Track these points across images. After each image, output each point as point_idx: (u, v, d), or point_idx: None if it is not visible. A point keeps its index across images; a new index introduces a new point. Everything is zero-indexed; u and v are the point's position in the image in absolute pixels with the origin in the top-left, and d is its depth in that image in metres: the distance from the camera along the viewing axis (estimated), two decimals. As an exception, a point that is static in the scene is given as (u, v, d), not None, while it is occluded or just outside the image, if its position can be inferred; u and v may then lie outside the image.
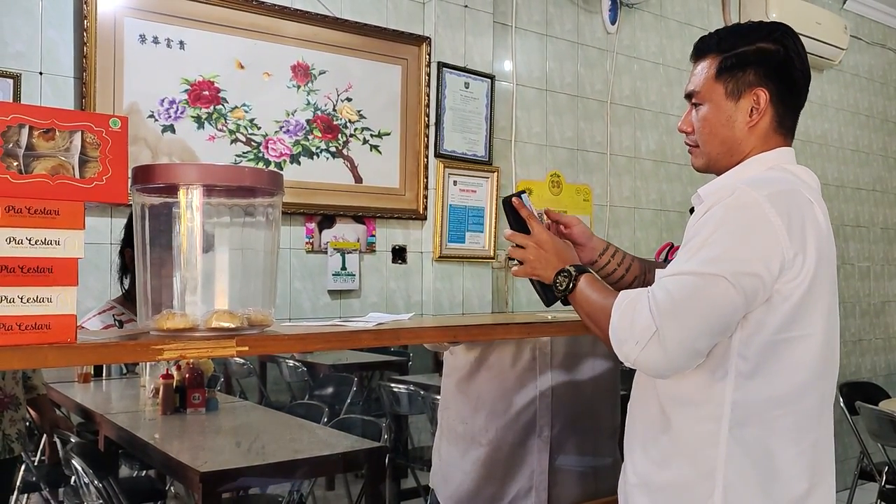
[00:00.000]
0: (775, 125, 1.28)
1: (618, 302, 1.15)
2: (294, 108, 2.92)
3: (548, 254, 1.30)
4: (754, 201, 1.12)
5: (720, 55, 1.26)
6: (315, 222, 2.98)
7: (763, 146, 1.27)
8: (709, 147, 1.29)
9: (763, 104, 1.25)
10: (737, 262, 1.10)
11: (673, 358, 1.10)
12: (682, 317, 1.09)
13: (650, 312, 1.09)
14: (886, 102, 5.49)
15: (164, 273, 1.18)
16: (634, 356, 1.11)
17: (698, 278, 1.10)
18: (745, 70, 1.25)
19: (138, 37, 2.58)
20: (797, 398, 1.18)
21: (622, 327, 1.12)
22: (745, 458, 1.16)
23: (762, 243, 1.11)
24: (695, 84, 1.30)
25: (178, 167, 1.35)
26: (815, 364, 1.19)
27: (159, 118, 2.62)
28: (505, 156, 3.50)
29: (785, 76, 1.27)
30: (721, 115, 1.27)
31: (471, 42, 3.33)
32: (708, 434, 1.17)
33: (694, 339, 1.10)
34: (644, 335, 1.09)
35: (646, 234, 4.05)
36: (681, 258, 1.14)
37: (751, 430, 1.16)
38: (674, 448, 1.21)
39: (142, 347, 1.08)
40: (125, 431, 2.42)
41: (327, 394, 3.29)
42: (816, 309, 1.17)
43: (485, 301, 3.36)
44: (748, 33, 1.27)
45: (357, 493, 2.73)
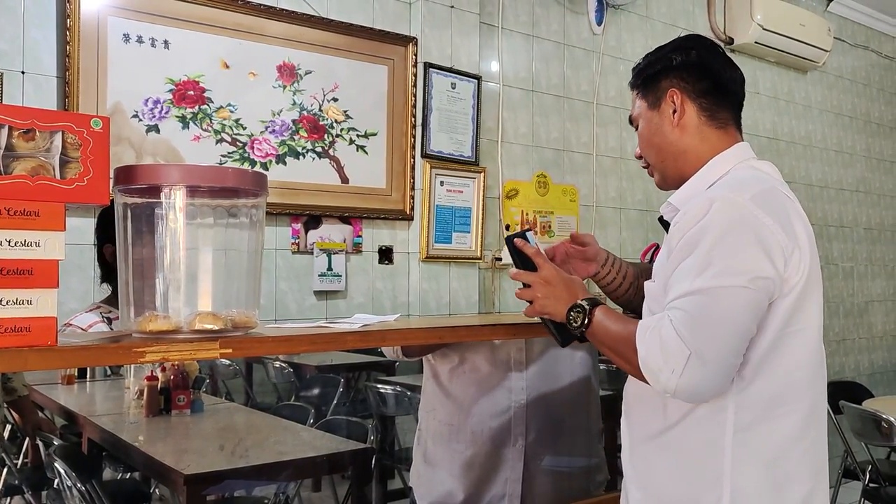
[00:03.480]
0: (705, 119, 1.29)
1: (640, 335, 1.11)
2: (280, 109, 2.90)
3: (556, 289, 1.26)
4: (741, 205, 1.12)
5: (640, 76, 1.36)
6: (301, 223, 2.97)
7: (704, 143, 1.28)
8: (653, 160, 1.34)
9: (679, 101, 1.29)
10: (749, 268, 1.09)
11: (713, 377, 1.07)
12: (714, 333, 1.07)
13: (678, 337, 1.06)
14: (869, 104, 5.54)
15: (146, 275, 1.17)
16: (674, 385, 1.07)
17: (719, 292, 1.08)
18: (658, 80, 1.32)
19: (122, 36, 2.56)
20: (799, 395, 1.18)
21: (652, 359, 1.09)
22: (751, 461, 1.15)
23: (764, 245, 1.10)
24: (631, 110, 1.39)
25: (160, 168, 1.34)
26: (812, 359, 1.19)
27: (143, 118, 2.60)
28: (492, 156, 3.50)
29: (695, 71, 1.30)
30: (650, 126, 1.32)
31: (457, 42, 3.33)
32: (711, 440, 1.16)
33: (729, 353, 1.08)
34: (678, 362, 1.06)
35: (632, 234, 4.06)
36: (685, 276, 1.11)
37: (756, 432, 1.15)
38: (676, 457, 1.19)
39: (124, 350, 1.07)
40: (109, 434, 2.39)
41: (314, 395, 3.28)
42: (812, 302, 1.17)
43: (472, 301, 3.36)
44: (658, 51, 1.35)
45: (343, 494, 2.72)
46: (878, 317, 5.44)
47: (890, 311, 5.53)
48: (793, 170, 4.94)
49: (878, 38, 5.57)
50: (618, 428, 3.38)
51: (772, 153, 4.77)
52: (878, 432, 3.07)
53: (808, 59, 4.76)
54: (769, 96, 4.78)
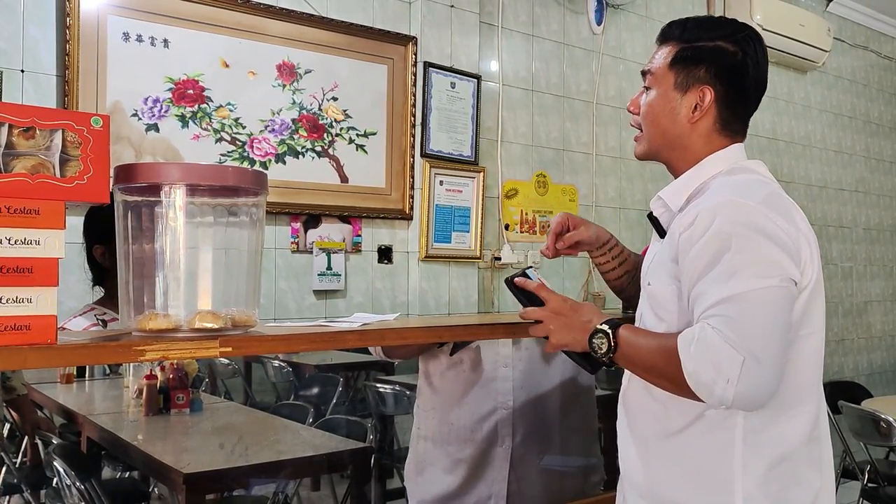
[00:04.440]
0: (719, 127, 1.25)
1: (683, 349, 1.05)
2: (279, 108, 2.90)
3: (568, 318, 1.21)
4: (755, 209, 1.10)
5: (679, 44, 1.25)
6: (300, 222, 2.97)
7: (707, 145, 1.25)
8: (650, 133, 1.29)
9: (707, 103, 1.23)
10: (778, 269, 1.07)
11: (771, 378, 1.03)
12: (763, 333, 1.04)
13: (727, 343, 1.02)
14: (869, 104, 5.54)
15: (146, 273, 1.16)
16: (731, 395, 1.01)
17: (756, 294, 1.05)
18: (697, 65, 1.23)
19: (122, 35, 2.56)
20: (808, 397, 1.16)
21: (703, 371, 1.03)
22: (761, 464, 1.13)
23: (783, 246, 1.09)
24: (651, 65, 1.29)
25: (160, 166, 1.34)
26: (818, 360, 1.18)
27: (143, 117, 2.60)
28: (491, 156, 3.50)
29: (736, 80, 1.24)
30: (666, 104, 1.26)
31: (457, 42, 3.34)
32: (721, 445, 1.13)
33: (780, 351, 1.05)
34: (733, 370, 1.01)
35: (631, 234, 4.06)
36: (714, 284, 1.07)
37: (766, 435, 1.13)
38: (683, 463, 1.17)
39: (123, 348, 1.07)
40: (108, 433, 2.39)
41: (313, 394, 3.28)
42: (818, 305, 1.16)
43: (471, 301, 3.36)
44: (712, 28, 1.25)
45: (342, 493, 2.72)
46: (877, 317, 5.45)
47: (889, 312, 5.54)
48: (792, 170, 4.94)
49: (877, 39, 5.58)
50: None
51: (771, 153, 4.77)
52: (876, 432, 3.08)
53: (807, 60, 4.76)
54: (769, 96, 4.75)
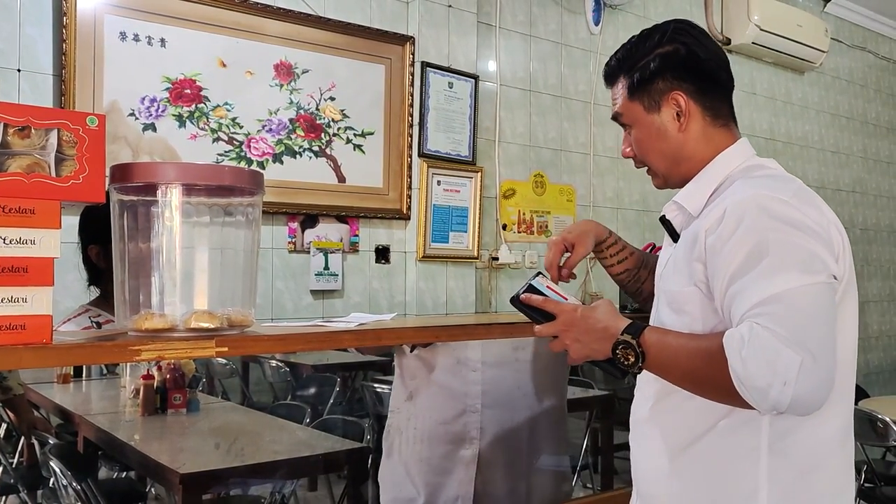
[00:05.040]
0: (710, 119, 1.21)
1: (732, 352, 0.97)
2: (277, 107, 2.90)
3: (583, 328, 1.14)
4: (790, 204, 1.05)
5: (625, 75, 1.23)
6: (298, 222, 2.96)
7: (709, 144, 1.21)
8: (655, 165, 1.25)
9: (684, 105, 1.19)
10: (822, 265, 1.02)
11: (828, 378, 0.97)
12: (817, 332, 0.97)
13: (783, 343, 0.94)
14: (866, 105, 5.55)
15: (142, 273, 1.16)
16: (788, 399, 0.94)
17: (806, 290, 0.99)
18: (652, 81, 1.21)
19: (119, 34, 2.55)
20: (839, 397, 1.09)
21: (758, 374, 0.95)
22: (789, 472, 1.07)
23: (823, 241, 1.04)
24: (616, 108, 1.26)
25: (156, 166, 1.33)
26: (850, 361, 1.13)
27: (140, 116, 2.59)
28: (489, 156, 3.50)
29: (695, 70, 1.20)
30: (650, 130, 1.23)
31: (455, 42, 3.33)
32: (746, 450, 1.07)
33: (833, 350, 0.99)
34: (791, 371, 0.93)
35: (629, 234, 4.06)
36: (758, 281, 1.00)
37: (793, 440, 1.07)
38: (705, 471, 1.11)
39: (119, 348, 1.07)
40: (105, 433, 2.39)
41: (310, 394, 3.28)
42: (850, 302, 1.11)
43: (468, 301, 3.36)
44: (643, 44, 1.24)
45: (339, 493, 2.72)
46: (874, 317, 5.45)
47: (886, 312, 5.54)
48: (789, 170, 4.86)
49: (875, 39, 5.58)
50: (618, 429, 3.36)
51: (769, 154, 4.75)
52: (873, 432, 3.08)
53: (805, 60, 4.77)
54: (766, 97, 4.78)
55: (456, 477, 1.64)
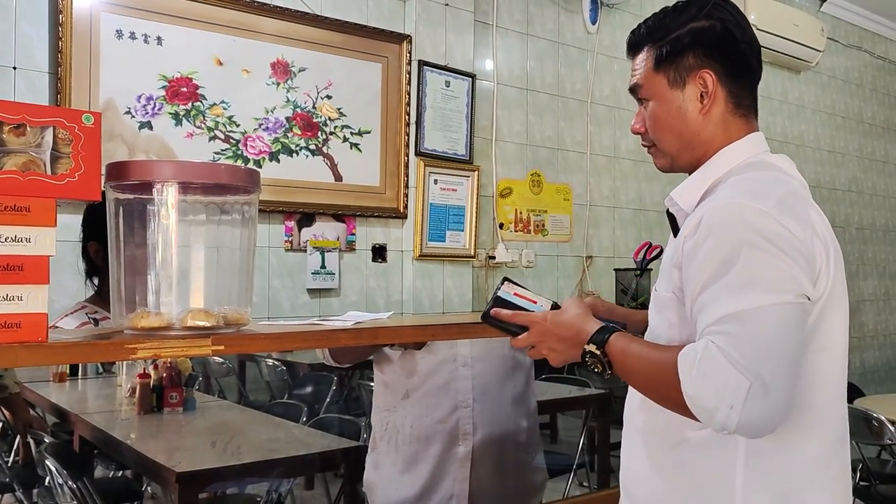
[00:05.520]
0: (732, 106, 1.14)
1: (683, 370, 0.96)
2: (273, 106, 2.90)
3: (558, 338, 1.12)
4: (767, 215, 0.99)
5: (653, 45, 1.15)
6: (294, 220, 2.96)
7: (725, 133, 1.14)
8: (666, 144, 1.17)
9: (711, 86, 1.12)
10: (792, 284, 0.97)
11: (779, 406, 0.94)
12: (772, 357, 0.94)
13: (732, 366, 0.92)
14: (862, 104, 5.56)
15: (138, 271, 1.16)
16: (734, 422, 0.92)
17: (768, 311, 0.95)
18: (683, 55, 1.13)
19: (115, 32, 2.55)
20: (820, 421, 1.06)
21: (705, 396, 0.94)
22: (764, 492, 1.04)
23: (797, 258, 0.99)
24: (636, 79, 1.18)
25: (152, 164, 1.33)
26: (836, 381, 1.09)
27: (136, 115, 2.59)
28: (486, 154, 3.50)
29: (728, 51, 1.13)
30: (670, 107, 1.14)
31: (452, 40, 3.33)
32: (721, 466, 1.05)
33: (791, 375, 0.95)
34: (738, 395, 0.92)
35: (625, 233, 4.07)
36: (721, 296, 0.97)
37: (770, 458, 1.04)
38: (683, 478, 1.09)
39: (115, 346, 1.06)
40: (101, 431, 2.38)
41: (307, 393, 3.28)
42: (835, 318, 1.06)
43: (465, 300, 3.36)
44: (677, 16, 1.15)
45: (336, 492, 2.72)
46: (870, 316, 5.47)
47: (881, 311, 5.56)
48: (786, 169, 4.96)
49: (871, 39, 5.59)
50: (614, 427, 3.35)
51: (765, 153, 4.78)
52: (868, 431, 3.08)
53: (801, 59, 4.77)
54: (763, 96, 4.76)
55: (451, 475, 1.64)
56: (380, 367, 1.75)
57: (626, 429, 1.22)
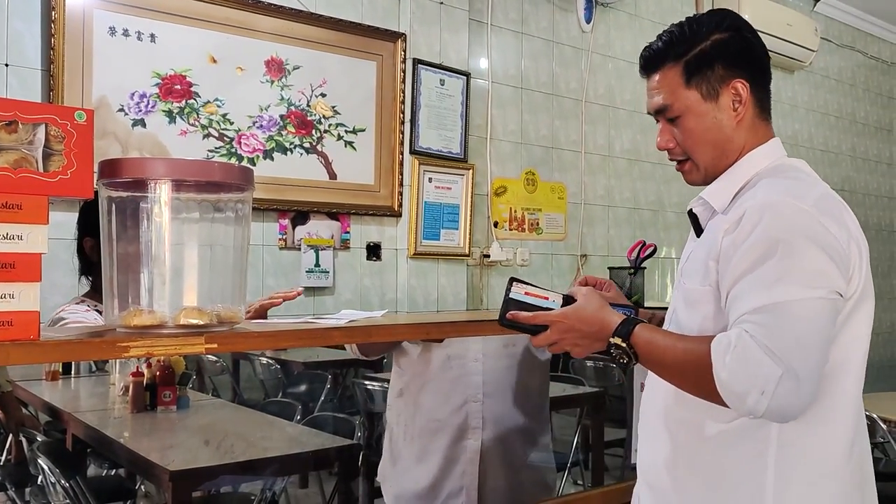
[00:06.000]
0: (759, 111, 1.20)
1: (717, 356, 1.00)
2: (267, 104, 2.89)
3: (581, 334, 1.15)
4: (807, 213, 1.04)
5: (679, 61, 1.17)
6: (288, 218, 2.96)
7: (753, 136, 1.19)
8: (702, 156, 1.19)
9: (745, 95, 1.17)
10: (826, 280, 1.02)
11: (807, 394, 0.98)
12: (803, 348, 0.98)
13: (766, 354, 0.97)
14: (855, 104, 5.59)
15: (131, 269, 1.15)
16: (763, 407, 0.97)
17: (802, 304, 1.00)
18: (712, 67, 1.16)
19: (108, 29, 2.54)
20: (845, 409, 1.10)
21: (737, 381, 0.98)
22: (798, 481, 1.08)
23: (833, 255, 1.03)
24: (664, 98, 1.18)
25: (145, 161, 1.33)
26: (859, 372, 1.13)
27: (130, 112, 2.58)
28: (480, 153, 3.50)
29: (751, 59, 1.19)
30: (706, 120, 1.17)
31: (446, 39, 3.33)
32: (753, 456, 1.08)
33: (818, 367, 1.00)
34: (770, 382, 0.96)
35: (619, 231, 4.07)
36: (758, 288, 1.01)
37: (801, 447, 1.08)
38: (712, 472, 1.12)
39: (107, 345, 1.06)
40: (94, 430, 2.38)
41: (301, 391, 3.27)
42: (863, 312, 1.11)
43: (460, 298, 3.36)
44: (698, 30, 1.18)
45: (330, 491, 2.72)
46: (863, 315, 5.49)
47: (874, 309, 5.58)
48: (779, 169, 4.97)
49: (864, 39, 5.61)
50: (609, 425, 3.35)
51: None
52: (861, 429, 3.10)
53: (795, 59, 4.79)
54: (756, 95, 4.80)
55: (460, 468, 1.66)
56: (398, 360, 1.78)
57: (647, 423, 1.24)
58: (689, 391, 1.08)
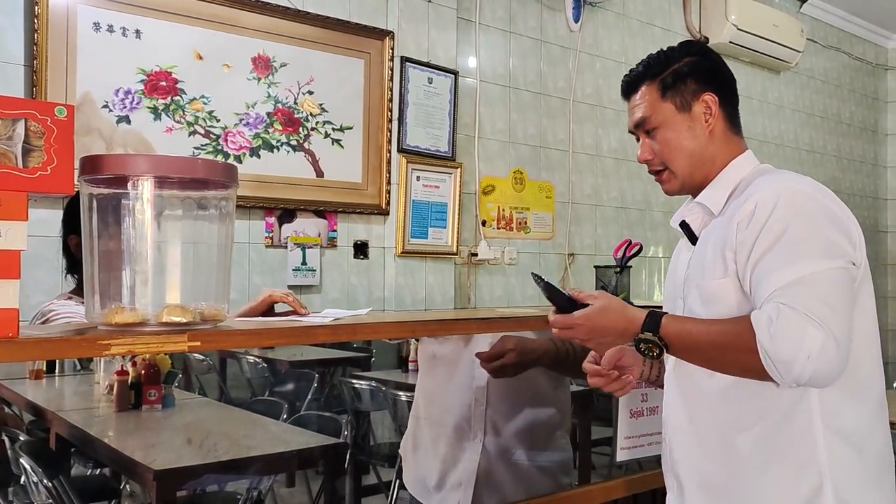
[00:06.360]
0: (729, 125, 1.32)
1: (761, 328, 1.07)
2: (254, 101, 2.88)
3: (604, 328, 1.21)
4: (813, 196, 1.17)
5: (655, 79, 1.31)
6: (275, 216, 2.94)
7: (726, 148, 1.31)
8: (678, 165, 1.31)
9: (714, 107, 1.29)
10: (842, 251, 1.13)
11: (844, 357, 1.07)
12: (838, 313, 1.07)
13: (809, 323, 1.05)
14: (840, 104, 5.63)
15: (113, 266, 1.14)
16: (809, 372, 1.04)
17: (829, 275, 1.09)
18: (685, 82, 1.30)
19: (92, 25, 2.51)
20: (872, 375, 1.19)
21: (784, 349, 1.05)
22: (845, 447, 1.15)
23: (843, 230, 1.15)
24: (642, 112, 1.31)
25: (127, 158, 1.31)
26: (875, 340, 1.22)
27: (114, 109, 2.56)
28: (468, 152, 3.50)
29: (719, 77, 1.33)
30: (681, 129, 1.29)
31: (434, 37, 3.33)
32: (802, 431, 1.15)
33: (850, 331, 1.09)
34: (814, 347, 1.04)
35: (606, 231, 4.09)
36: (783, 265, 1.10)
37: (843, 414, 1.16)
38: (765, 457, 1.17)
39: (88, 342, 1.05)
40: (77, 429, 2.36)
41: (288, 390, 3.26)
42: (868, 285, 1.20)
43: (447, 297, 3.36)
44: (671, 54, 1.33)
45: (317, 490, 2.71)
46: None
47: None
48: (765, 169, 5.00)
49: (849, 40, 5.66)
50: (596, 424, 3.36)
51: (745, 152, 4.82)
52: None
53: (781, 60, 4.82)
54: (743, 96, 4.76)
55: (462, 465, 1.72)
56: (423, 350, 1.89)
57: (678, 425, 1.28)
58: (726, 369, 1.16)
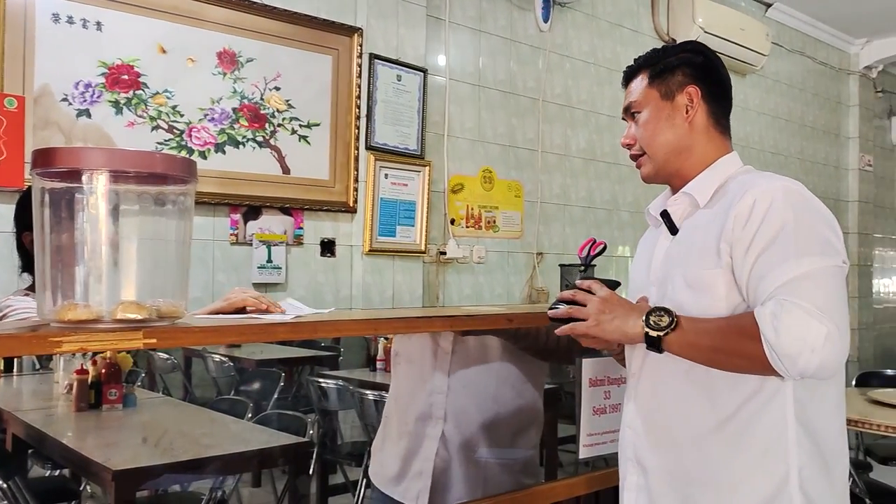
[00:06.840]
0: (713, 121, 1.36)
1: (766, 321, 1.11)
2: (219, 96, 2.84)
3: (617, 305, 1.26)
4: (805, 195, 1.21)
5: (648, 67, 1.37)
6: (240, 213, 2.91)
7: (707, 143, 1.34)
8: (654, 149, 1.35)
9: (696, 99, 1.33)
10: (836, 250, 1.17)
11: (846, 349, 1.11)
12: (839, 308, 1.12)
13: (813, 317, 1.09)
14: (804, 108, 5.73)
15: (66, 262, 1.12)
16: (815, 365, 1.08)
17: (828, 271, 1.14)
18: (673, 73, 1.35)
19: (51, 15, 2.46)
20: None
21: (788, 343, 1.08)
22: (808, 439, 1.19)
23: (833, 229, 1.19)
24: (631, 98, 1.38)
25: (82, 151, 1.28)
26: None
27: (74, 102, 2.50)
28: (437, 150, 3.50)
29: (711, 76, 1.37)
30: (660, 116, 1.34)
31: (403, 34, 3.31)
32: (775, 421, 1.19)
33: (848, 325, 1.14)
34: (818, 340, 1.08)
35: (574, 230, 4.11)
36: (784, 262, 1.14)
37: (810, 408, 1.20)
38: (742, 446, 1.20)
39: (39, 339, 1.02)
40: (35, 429, 2.31)
41: (254, 389, 3.23)
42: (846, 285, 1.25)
43: (415, 295, 3.35)
44: (670, 49, 1.39)
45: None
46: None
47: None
48: (731, 170, 5.07)
49: (813, 45, 5.76)
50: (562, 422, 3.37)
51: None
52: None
53: (746, 63, 4.89)
54: (709, 97, 4.89)
55: (421, 455, 1.75)
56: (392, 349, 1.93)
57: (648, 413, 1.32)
58: (726, 364, 1.18)
